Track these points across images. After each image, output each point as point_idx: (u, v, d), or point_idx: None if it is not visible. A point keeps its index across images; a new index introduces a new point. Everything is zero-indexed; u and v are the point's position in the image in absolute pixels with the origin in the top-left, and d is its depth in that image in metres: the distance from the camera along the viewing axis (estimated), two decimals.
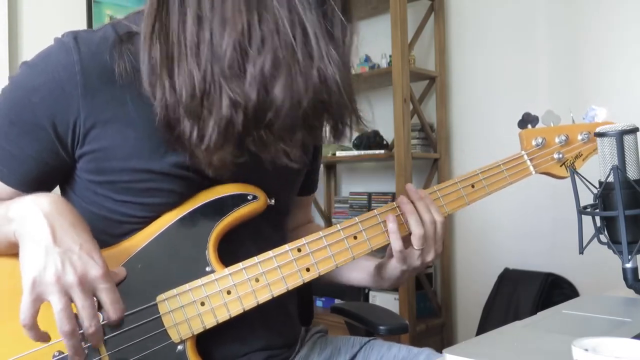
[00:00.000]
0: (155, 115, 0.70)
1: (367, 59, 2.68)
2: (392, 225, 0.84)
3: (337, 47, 0.69)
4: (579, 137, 1.01)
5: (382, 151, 2.51)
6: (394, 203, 0.88)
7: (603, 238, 0.85)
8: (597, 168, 0.86)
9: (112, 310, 0.67)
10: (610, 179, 0.82)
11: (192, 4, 0.66)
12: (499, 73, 2.43)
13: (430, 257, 0.87)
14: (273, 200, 0.83)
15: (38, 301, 0.64)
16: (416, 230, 0.85)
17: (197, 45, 0.66)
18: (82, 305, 0.64)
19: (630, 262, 0.82)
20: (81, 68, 0.72)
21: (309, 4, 0.67)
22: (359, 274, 0.98)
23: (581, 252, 0.85)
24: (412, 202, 0.86)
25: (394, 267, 0.88)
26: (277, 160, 0.72)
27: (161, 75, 0.68)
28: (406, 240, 0.86)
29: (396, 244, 0.84)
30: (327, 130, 0.74)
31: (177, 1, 0.67)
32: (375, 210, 0.87)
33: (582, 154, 1.02)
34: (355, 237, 0.84)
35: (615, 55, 2.11)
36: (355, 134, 2.70)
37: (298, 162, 0.73)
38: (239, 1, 0.65)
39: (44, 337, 0.65)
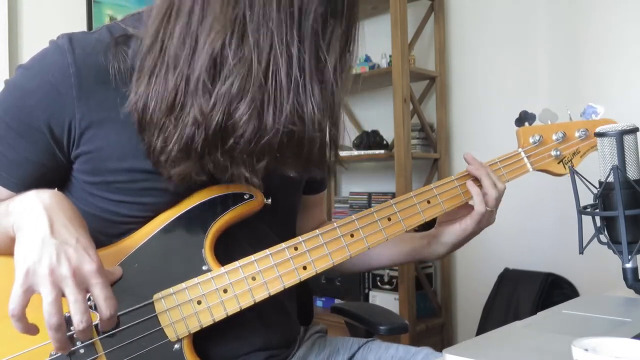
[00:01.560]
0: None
1: (367, 59, 2.67)
2: (475, 189, 0.94)
3: (325, 83, 0.69)
4: (577, 134, 1.02)
5: (382, 151, 2.51)
6: (466, 170, 0.97)
7: (603, 238, 0.85)
8: (597, 168, 0.86)
9: (104, 306, 0.66)
10: (610, 179, 0.82)
11: (183, 18, 0.67)
12: (499, 73, 2.43)
13: (493, 219, 0.98)
14: (269, 200, 0.83)
15: (29, 292, 0.63)
16: (493, 193, 0.93)
17: (178, 59, 0.67)
18: (74, 299, 0.63)
19: (630, 262, 0.82)
20: (76, 70, 0.72)
21: (304, 36, 0.67)
22: (402, 247, 1.02)
23: (581, 252, 0.85)
24: (479, 168, 0.95)
25: (464, 229, 0.96)
26: (237, 182, 0.74)
27: (142, 80, 0.69)
28: (462, 209, 0.96)
29: (480, 207, 0.93)
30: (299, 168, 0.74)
31: (174, 14, 0.68)
32: (372, 209, 0.87)
33: (579, 151, 1.02)
34: (352, 235, 0.84)
35: (615, 55, 2.10)
36: (355, 136, 2.70)
37: (257, 187, 0.75)
38: (218, 22, 0.65)
39: (31, 330, 0.64)
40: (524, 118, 1.02)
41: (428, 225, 0.98)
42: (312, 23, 0.67)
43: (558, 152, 1.01)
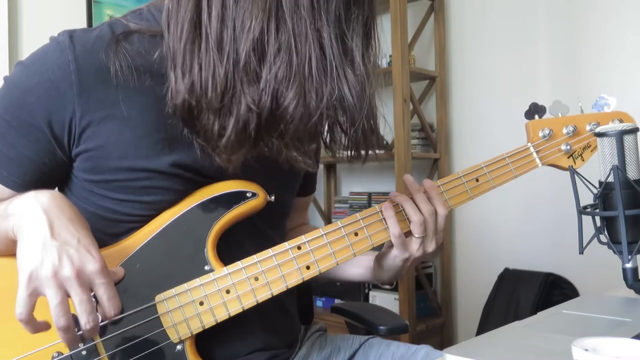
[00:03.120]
0: (163, 114, 0.72)
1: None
2: (388, 212, 0.85)
3: (354, 68, 0.70)
4: (588, 128, 0.98)
5: (382, 151, 2.51)
6: (390, 195, 0.88)
7: (603, 238, 0.85)
8: (597, 168, 0.86)
9: (108, 306, 0.66)
10: (610, 179, 0.82)
11: (218, 2, 0.67)
12: (499, 73, 2.43)
13: (431, 247, 0.87)
14: (273, 197, 0.82)
15: (34, 295, 0.63)
16: (414, 217, 0.85)
17: (221, 43, 0.67)
18: (79, 300, 0.63)
19: (630, 262, 0.82)
20: (76, 67, 0.72)
21: (330, 22, 0.68)
22: (357, 269, 0.99)
23: (581, 252, 0.85)
24: (411, 193, 0.87)
25: (394, 256, 0.88)
26: (295, 165, 0.74)
27: (189, 62, 0.69)
28: (407, 234, 0.86)
29: (394, 229, 0.84)
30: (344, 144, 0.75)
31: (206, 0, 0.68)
32: (377, 206, 0.87)
33: (590, 145, 0.98)
34: (356, 234, 0.84)
35: (615, 56, 2.10)
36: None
37: (312, 167, 0.75)
38: (256, 7, 0.66)
39: (43, 327, 0.65)
40: (534, 110, 0.97)
41: None
42: (336, 9, 0.69)
43: (568, 147, 0.97)
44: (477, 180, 0.93)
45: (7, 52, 2.12)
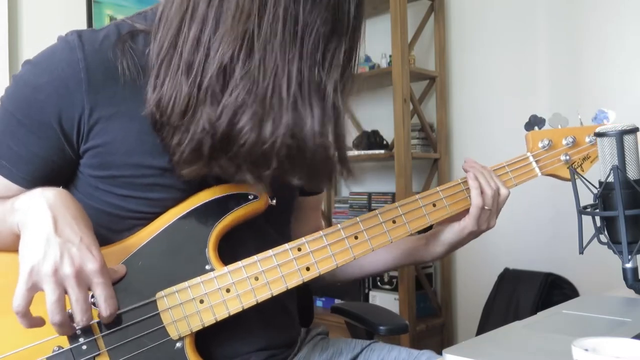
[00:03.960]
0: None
1: (367, 59, 2.68)
2: (474, 182, 0.93)
3: (325, 100, 0.71)
4: (587, 139, 1.00)
5: (382, 151, 2.51)
6: (463, 168, 0.96)
7: (603, 238, 0.85)
8: (597, 168, 0.86)
9: (104, 305, 0.68)
10: (610, 179, 0.82)
11: (197, 24, 0.69)
12: (499, 73, 2.43)
13: (493, 222, 0.96)
14: (274, 201, 0.83)
15: (33, 290, 0.65)
16: (488, 190, 0.92)
17: (191, 65, 0.69)
18: (75, 298, 0.65)
19: (630, 262, 0.82)
20: (85, 65, 0.73)
21: (304, 54, 0.69)
22: (389, 254, 1.01)
23: (581, 252, 0.85)
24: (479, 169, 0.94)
25: (463, 227, 0.94)
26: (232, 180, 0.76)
27: (162, 78, 0.71)
28: (460, 215, 0.94)
29: (478, 200, 0.92)
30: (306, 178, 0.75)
31: (189, 18, 0.70)
32: (376, 210, 0.87)
33: (589, 156, 1.01)
34: (355, 237, 0.84)
35: (615, 55, 2.10)
36: (355, 136, 2.70)
37: (265, 194, 0.78)
38: (230, 35, 0.67)
39: (37, 322, 0.66)
40: (534, 122, 1.00)
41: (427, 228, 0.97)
42: (313, 42, 0.69)
43: (567, 157, 0.99)
44: None
45: (7, 52, 2.12)
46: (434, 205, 0.91)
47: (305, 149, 0.70)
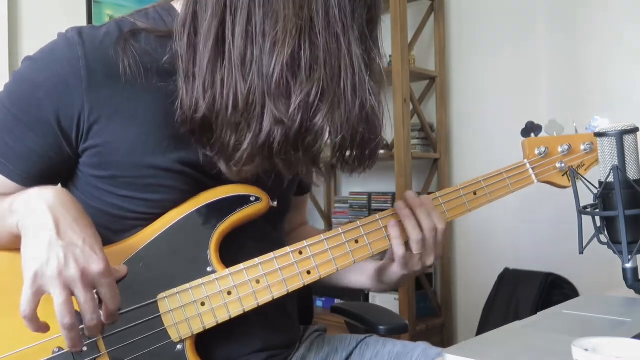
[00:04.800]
0: (170, 112, 0.73)
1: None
2: (394, 230, 0.85)
3: (375, 80, 0.72)
4: (582, 147, 1.02)
5: (382, 151, 2.51)
6: (394, 208, 0.88)
7: (603, 238, 0.85)
8: (597, 168, 0.86)
9: (111, 305, 0.67)
10: (610, 179, 0.82)
11: (242, 17, 0.68)
12: (499, 73, 2.43)
13: (429, 261, 0.88)
14: (275, 202, 0.83)
15: (39, 294, 0.64)
16: (413, 235, 0.85)
17: (244, 59, 0.68)
18: (84, 299, 0.64)
19: (630, 262, 0.82)
20: (86, 63, 0.72)
21: (353, 36, 0.69)
22: (359, 276, 0.99)
23: (581, 252, 0.85)
24: (411, 208, 0.87)
25: (394, 271, 0.89)
26: (305, 179, 0.75)
27: (210, 78, 0.69)
28: (407, 245, 0.87)
29: (399, 250, 0.85)
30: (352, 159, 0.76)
31: (231, 13, 0.68)
32: (377, 215, 0.87)
33: (584, 164, 1.02)
34: (356, 241, 0.84)
35: (615, 55, 2.11)
36: None
37: (321, 183, 0.76)
38: (289, 24, 0.67)
39: (43, 328, 0.66)
40: (530, 129, 1.01)
41: None
42: (361, 26, 0.71)
43: (563, 165, 1.00)
44: (474, 193, 0.96)
45: (7, 52, 2.12)
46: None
47: (366, 131, 0.71)
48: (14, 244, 0.70)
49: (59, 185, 0.82)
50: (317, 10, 0.67)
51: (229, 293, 0.76)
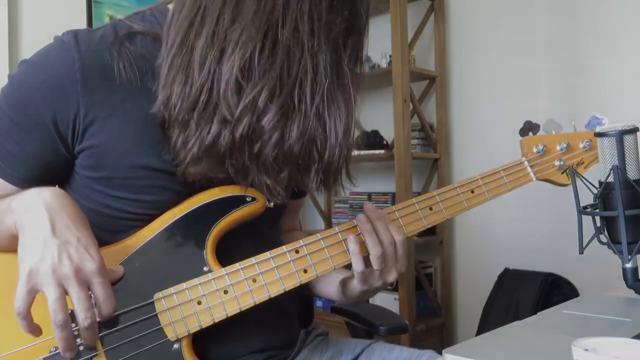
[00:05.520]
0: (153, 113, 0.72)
1: (367, 59, 2.67)
2: (353, 246, 0.81)
3: (345, 92, 0.71)
4: (581, 145, 1.02)
5: (382, 151, 2.51)
6: (354, 221, 0.84)
7: (603, 238, 0.85)
8: (597, 168, 0.86)
9: (104, 305, 0.67)
10: (610, 179, 0.82)
11: (211, 20, 0.68)
12: (499, 73, 2.43)
13: (391, 277, 0.84)
14: (272, 203, 0.83)
15: (33, 291, 0.64)
16: (373, 251, 0.81)
17: (204, 60, 0.68)
18: (77, 298, 0.65)
19: (630, 262, 0.82)
20: (81, 65, 0.73)
21: (328, 48, 0.69)
22: (331, 287, 0.95)
23: (581, 252, 0.85)
24: (371, 222, 0.83)
25: (354, 286, 0.86)
26: (257, 189, 0.74)
27: (169, 78, 0.70)
28: (367, 259, 0.82)
29: (357, 265, 0.81)
30: (316, 180, 0.74)
31: (201, 15, 0.69)
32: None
33: (583, 162, 1.02)
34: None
35: (615, 54, 2.10)
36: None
37: (277, 199, 0.74)
38: (252, 28, 0.67)
39: (36, 330, 0.66)
40: (528, 128, 1.01)
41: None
42: (336, 36, 0.70)
43: (562, 162, 1.00)
44: (472, 191, 0.95)
45: (7, 52, 2.12)
46: (430, 210, 0.87)
47: (326, 147, 0.69)
48: (12, 245, 0.70)
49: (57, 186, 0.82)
50: (286, 15, 0.67)
51: (226, 292, 0.76)
